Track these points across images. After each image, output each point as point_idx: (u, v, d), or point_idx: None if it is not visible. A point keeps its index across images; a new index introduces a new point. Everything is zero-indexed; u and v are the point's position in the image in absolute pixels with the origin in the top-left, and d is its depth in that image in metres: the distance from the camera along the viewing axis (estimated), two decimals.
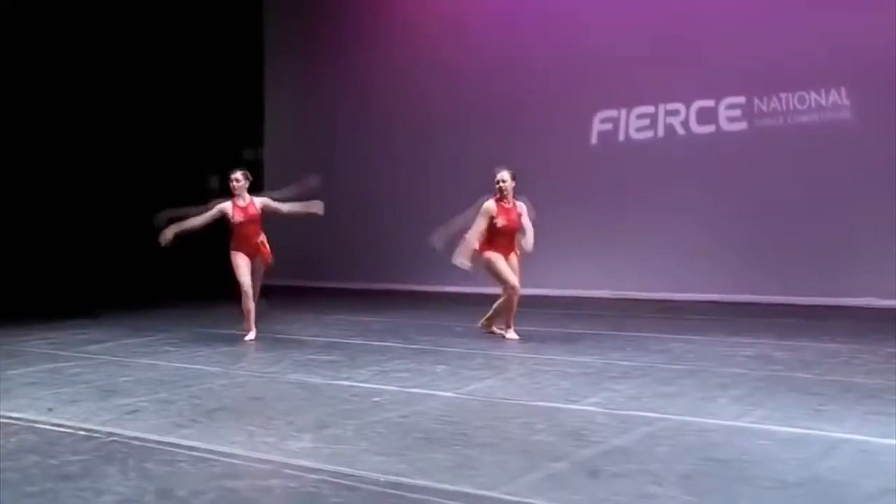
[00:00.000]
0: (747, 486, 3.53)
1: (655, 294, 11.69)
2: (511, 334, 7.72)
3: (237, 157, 15.64)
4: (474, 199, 7.77)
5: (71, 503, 3.28)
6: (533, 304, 9.05)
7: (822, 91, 10.94)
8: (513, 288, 7.51)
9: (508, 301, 7.61)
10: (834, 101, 10.90)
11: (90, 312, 10.08)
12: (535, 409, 4.95)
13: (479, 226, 7.50)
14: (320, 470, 3.68)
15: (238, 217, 7.78)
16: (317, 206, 7.96)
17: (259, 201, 7.90)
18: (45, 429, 4.46)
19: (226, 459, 3.87)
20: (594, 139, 12.67)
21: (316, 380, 5.86)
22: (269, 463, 3.81)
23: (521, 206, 7.68)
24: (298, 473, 3.64)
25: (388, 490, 3.42)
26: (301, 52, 15.38)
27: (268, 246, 7.87)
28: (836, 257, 10.85)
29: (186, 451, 3.98)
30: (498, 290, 7.82)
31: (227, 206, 7.82)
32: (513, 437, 4.34)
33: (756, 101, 11.39)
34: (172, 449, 4.02)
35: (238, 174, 7.91)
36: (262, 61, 15.86)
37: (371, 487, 3.48)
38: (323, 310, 10.63)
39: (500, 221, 7.52)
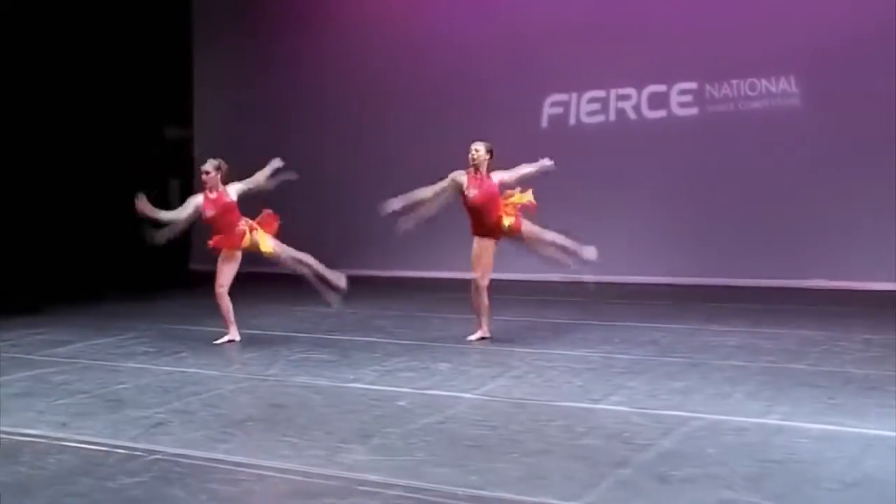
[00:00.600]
0: (815, 487, 3.64)
1: (606, 277, 11.85)
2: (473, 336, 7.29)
3: (158, 136, 15.28)
4: (420, 180, 7.58)
5: None
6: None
7: (773, 78, 11.25)
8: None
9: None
10: (783, 89, 11.21)
11: (33, 308, 9.60)
12: (564, 409, 4.97)
13: (439, 186, 7.20)
14: (393, 485, 3.63)
15: (209, 211, 7.44)
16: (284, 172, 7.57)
17: (232, 189, 7.53)
18: (75, 447, 4.25)
19: (287, 476, 3.77)
20: (545, 123, 12.75)
21: (324, 382, 5.75)
22: (334, 479, 3.73)
23: (497, 176, 7.35)
24: (374, 489, 3.58)
25: None
26: (234, 28, 14.93)
27: (264, 227, 7.46)
28: (785, 239, 11.19)
29: (243, 469, 3.86)
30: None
31: (198, 199, 7.52)
32: (561, 442, 4.34)
33: (708, 87, 11.63)
34: (226, 466, 3.90)
35: (207, 166, 7.53)
36: (191, 38, 15.36)
37: (453, 502, 3.46)
38: (287, 300, 10.43)
39: (471, 192, 7.16)
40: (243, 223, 7.39)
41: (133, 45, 14.04)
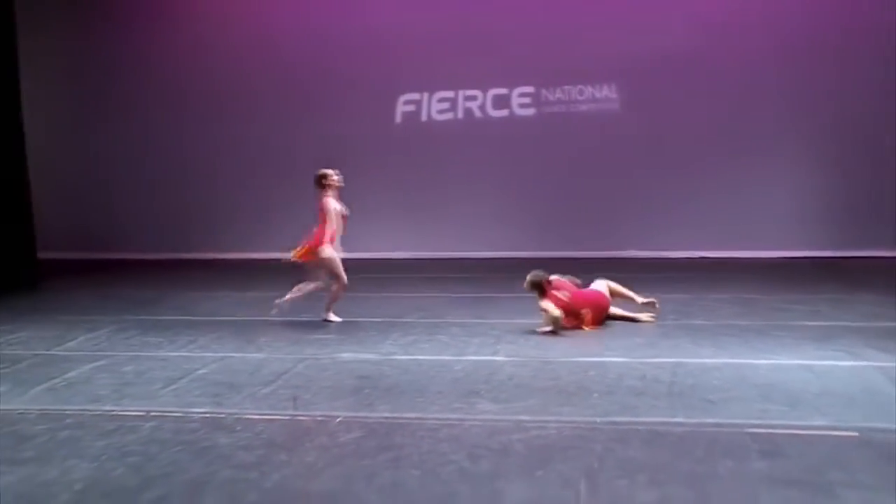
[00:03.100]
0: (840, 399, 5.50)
1: (457, 253, 13.61)
2: (333, 316, 8.53)
3: None
4: (280, 173, 8.93)
5: (432, 490, 4.41)
6: (355, 269, 10.35)
7: (597, 85, 13.50)
8: (345, 286, 8.45)
9: (339, 293, 8.49)
10: (606, 94, 13.51)
11: None
12: (619, 363, 6.54)
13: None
14: (548, 422, 5.07)
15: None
16: None
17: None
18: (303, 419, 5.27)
19: (462, 423, 5.09)
20: (398, 118, 14.19)
21: (371, 356, 6.90)
22: (495, 422, 5.10)
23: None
24: (536, 425, 4.99)
25: (628, 428, 4.91)
26: (66, 22, 14.90)
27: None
28: (606, 218, 13.55)
29: (435, 422, 5.11)
30: None
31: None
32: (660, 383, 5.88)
33: (543, 91, 13.68)
34: (432, 422, 5.11)
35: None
36: (14, 35, 14.95)
37: (577, 423, 4.96)
38: (207, 286, 11.17)
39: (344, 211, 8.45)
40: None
41: None
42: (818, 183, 12.87)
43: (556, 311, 7.59)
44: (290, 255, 8.47)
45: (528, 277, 7.87)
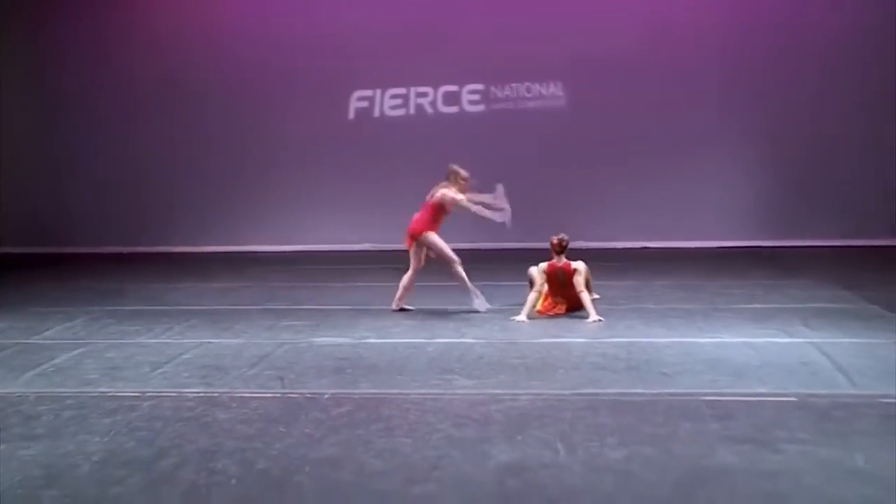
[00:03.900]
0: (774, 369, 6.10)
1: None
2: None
3: None
4: (232, 168, 9.43)
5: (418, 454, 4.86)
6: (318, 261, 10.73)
7: (544, 83, 14.07)
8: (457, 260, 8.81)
9: (457, 269, 8.78)
10: (552, 92, 14.09)
11: None
12: (579, 343, 7.05)
13: None
14: (520, 395, 5.55)
15: None
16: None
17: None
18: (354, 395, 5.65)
19: (443, 396, 5.55)
20: (351, 115, 14.57)
21: (346, 340, 7.29)
22: (473, 395, 5.57)
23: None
24: (510, 397, 5.45)
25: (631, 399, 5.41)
26: (17, 15, 14.93)
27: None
28: (551, 209, 14.07)
29: (418, 396, 5.56)
30: None
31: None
32: (558, 362, 6.46)
33: (492, 88, 14.21)
34: (415, 397, 5.56)
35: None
36: None
37: (548, 396, 5.47)
38: (167, 278, 11.41)
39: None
40: None
41: None
42: (753, 177, 13.68)
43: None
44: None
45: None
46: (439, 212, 8.89)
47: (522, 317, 8.05)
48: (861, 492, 3.88)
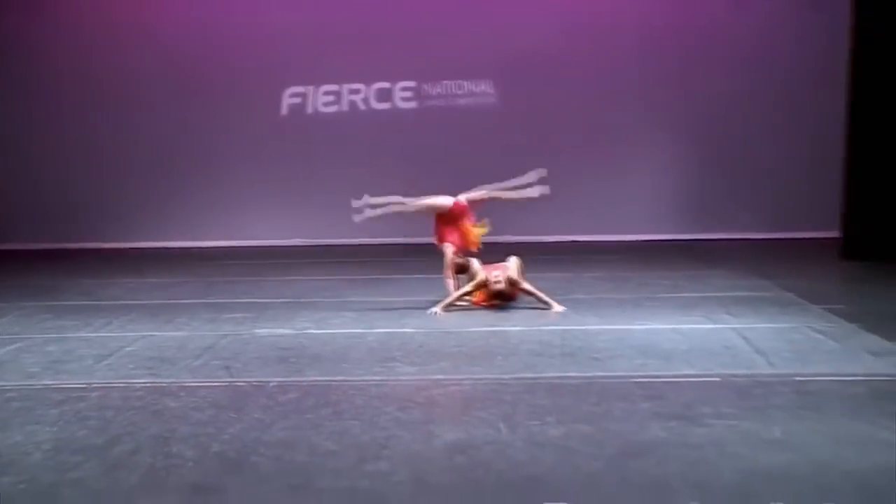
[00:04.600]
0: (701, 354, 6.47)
1: (348, 240, 14.19)
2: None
3: None
4: (163, 163, 9.83)
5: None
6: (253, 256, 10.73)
7: (475, 81, 14.37)
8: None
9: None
10: (483, 89, 14.39)
11: None
12: (515, 332, 7.31)
13: None
14: (462, 380, 5.79)
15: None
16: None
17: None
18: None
19: (387, 382, 5.76)
20: (284, 111, 14.64)
21: (287, 331, 7.43)
22: (416, 381, 5.79)
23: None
24: (452, 382, 5.71)
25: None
26: None
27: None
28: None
29: (362, 382, 5.75)
30: None
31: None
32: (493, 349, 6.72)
33: (424, 85, 14.44)
34: (360, 383, 5.75)
35: None
36: None
37: (487, 380, 5.74)
38: (101, 274, 11.34)
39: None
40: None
41: None
42: (678, 173, 14.21)
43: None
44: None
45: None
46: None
47: (438, 309, 8.18)
48: (778, 458, 4.22)
